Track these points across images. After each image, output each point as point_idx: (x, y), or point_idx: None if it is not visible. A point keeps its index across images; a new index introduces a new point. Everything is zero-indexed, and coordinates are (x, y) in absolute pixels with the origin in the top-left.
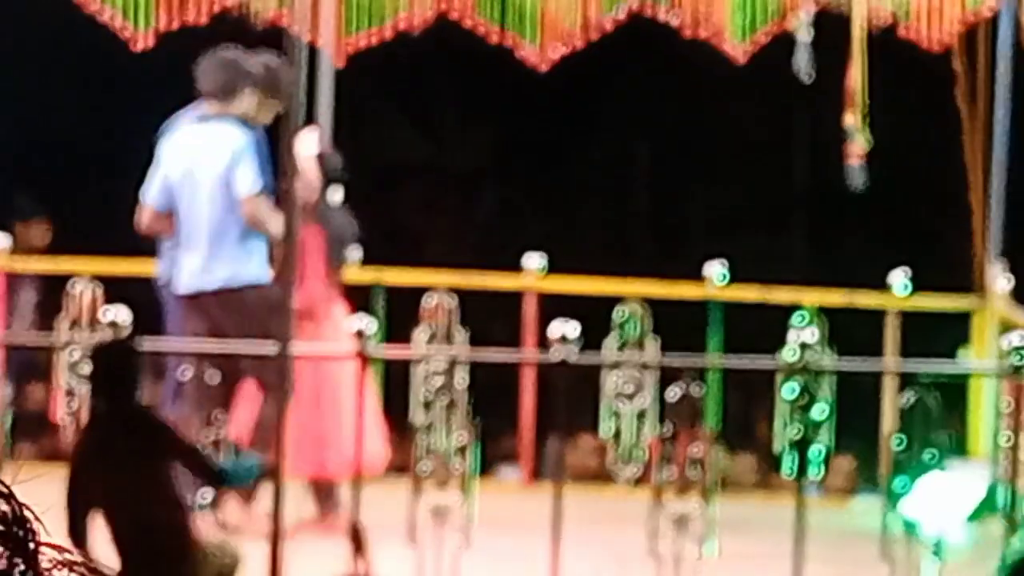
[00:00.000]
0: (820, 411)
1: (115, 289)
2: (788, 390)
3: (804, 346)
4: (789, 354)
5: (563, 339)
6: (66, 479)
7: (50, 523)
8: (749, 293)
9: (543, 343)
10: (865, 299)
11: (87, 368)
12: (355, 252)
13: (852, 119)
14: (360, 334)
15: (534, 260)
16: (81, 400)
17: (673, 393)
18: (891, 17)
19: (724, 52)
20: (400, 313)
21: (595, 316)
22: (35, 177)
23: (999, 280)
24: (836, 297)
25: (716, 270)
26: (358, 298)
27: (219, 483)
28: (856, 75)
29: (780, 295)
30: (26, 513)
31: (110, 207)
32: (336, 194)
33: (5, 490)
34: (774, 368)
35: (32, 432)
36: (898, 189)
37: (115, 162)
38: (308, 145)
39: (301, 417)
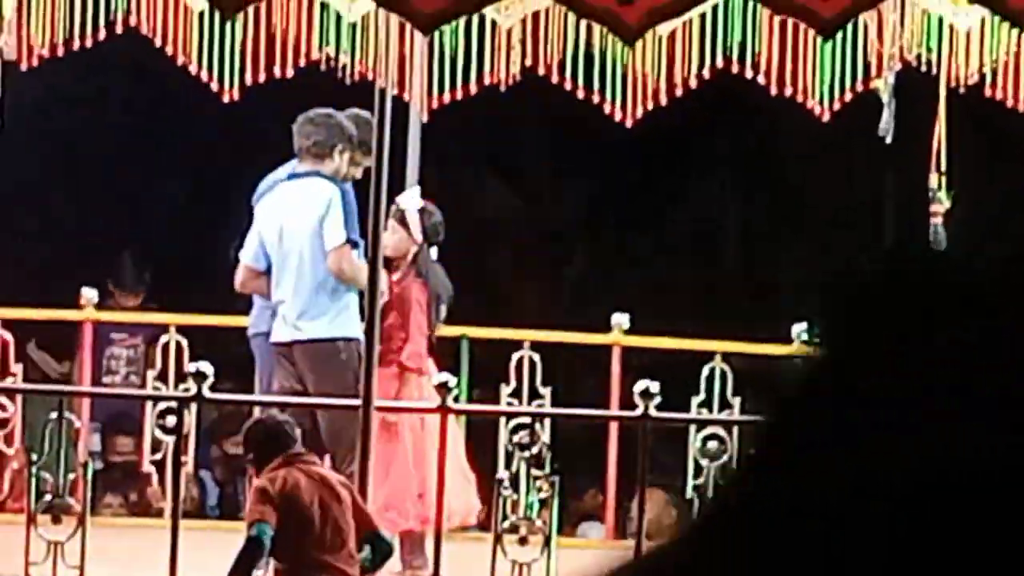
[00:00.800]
0: None
1: (203, 343)
2: None
3: None
4: None
5: (646, 396)
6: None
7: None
8: None
9: (629, 401)
10: None
11: (172, 420)
12: (445, 311)
13: (936, 179)
14: (443, 388)
15: (620, 318)
16: (166, 452)
17: None
18: (978, 75)
19: (809, 110)
20: (486, 369)
21: (681, 375)
22: (133, 236)
23: None
24: None
25: (803, 329)
26: (444, 354)
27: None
28: (941, 134)
29: None
30: None
31: (204, 264)
32: (433, 253)
33: None
34: None
35: (121, 484)
36: (984, 249)
37: (209, 218)
38: (413, 200)
39: (400, 472)
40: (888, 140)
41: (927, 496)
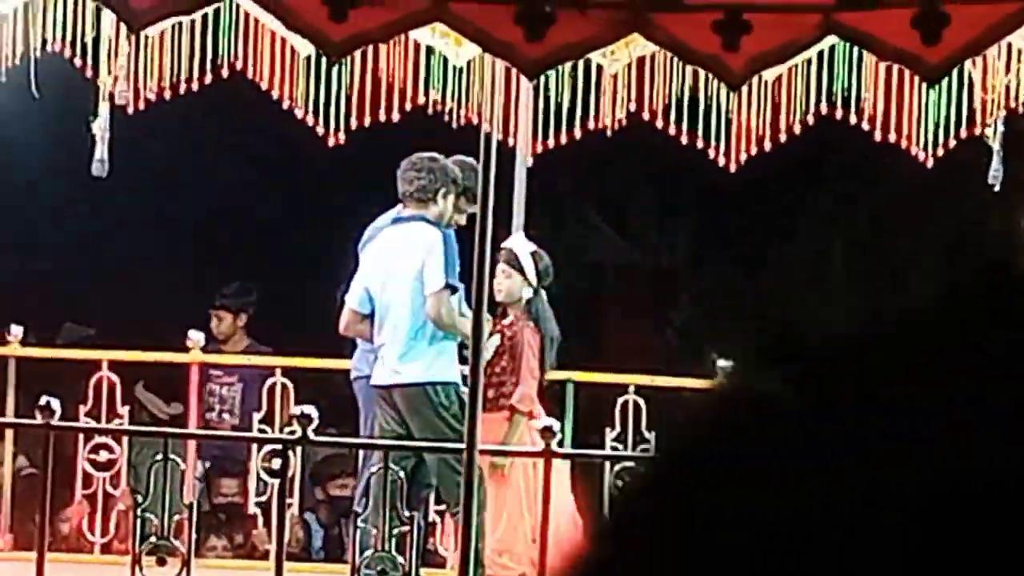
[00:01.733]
0: None
1: (309, 386)
2: None
3: None
4: None
5: None
6: None
7: None
8: None
9: None
10: None
11: (277, 462)
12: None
13: None
14: (548, 432)
15: (726, 365)
16: (271, 494)
17: None
18: None
19: (912, 157)
20: (591, 413)
21: None
22: (237, 271)
23: None
24: None
25: None
26: (550, 398)
27: None
28: None
29: None
30: None
31: (307, 304)
32: (542, 294)
33: None
34: None
35: (225, 526)
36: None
37: (315, 261)
38: (522, 244)
39: (513, 516)
40: (996, 187)
41: (941, 507)
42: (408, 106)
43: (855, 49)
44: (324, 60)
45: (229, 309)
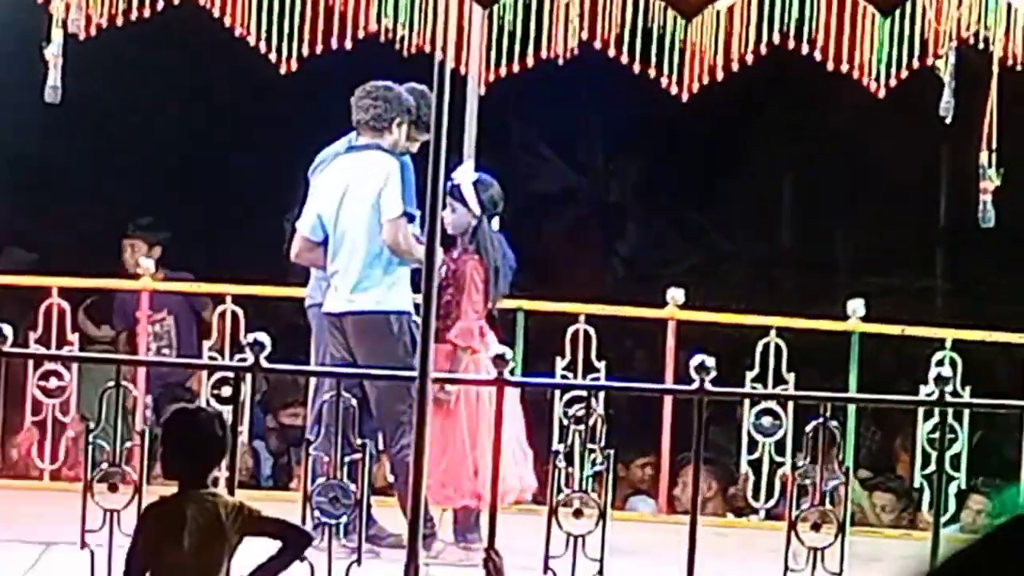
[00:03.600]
0: (958, 448)
1: (259, 313)
2: (926, 426)
3: (942, 382)
4: (927, 390)
5: (702, 370)
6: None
7: None
8: (890, 328)
9: (684, 375)
10: (1005, 336)
11: (227, 390)
12: (508, 283)
13: (986, 156)
14: (501, 360)
15: (675, 292)
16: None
17: (811, 427)
18: None
19: (865, 87)
20: (541, 342)
21: (736, 350)
22: (184, 197)
23: None
24: (976, 334)
25: (857, 305)
26: (500, 327)
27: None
28: (992, 112)
29: (920, 331)
30: None
31: (255, 231)
32: (494, 224)
33: None
34: (912, 404)
35: None
36: None
37: (267, 189)
38: (467, 174)
39: (457, 449)
40: (948, 119)
41: None
42: (360, 34)
43: None
44: None
45: (144, 240)
